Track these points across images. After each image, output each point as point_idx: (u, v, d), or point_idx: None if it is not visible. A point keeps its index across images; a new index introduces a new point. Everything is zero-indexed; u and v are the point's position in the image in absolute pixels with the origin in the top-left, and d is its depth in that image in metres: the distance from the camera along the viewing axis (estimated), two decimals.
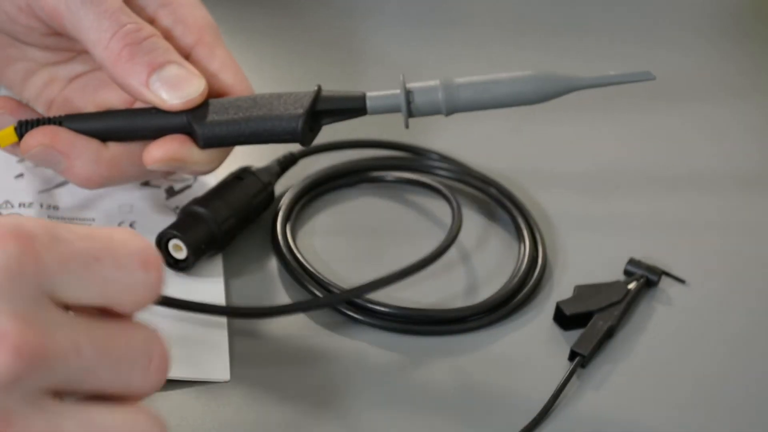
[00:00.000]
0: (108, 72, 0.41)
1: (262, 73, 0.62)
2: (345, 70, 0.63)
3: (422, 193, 0.51)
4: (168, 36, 0.43)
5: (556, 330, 0.44)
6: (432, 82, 0.43)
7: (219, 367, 0.40)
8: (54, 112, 0.45)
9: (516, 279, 0.46)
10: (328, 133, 0.46)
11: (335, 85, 0.44)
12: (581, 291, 0.45)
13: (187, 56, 0.44)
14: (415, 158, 0.53)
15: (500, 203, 0.51)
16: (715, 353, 0.44)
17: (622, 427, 0.40)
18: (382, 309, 0.43)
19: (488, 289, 0.46)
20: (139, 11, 0.43)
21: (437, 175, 0.52)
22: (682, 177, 0.55)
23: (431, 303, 0.45)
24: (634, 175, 0.55)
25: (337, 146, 0.53)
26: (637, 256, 0.47)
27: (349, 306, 0.44)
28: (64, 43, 0.44)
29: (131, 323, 0.29)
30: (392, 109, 0.43)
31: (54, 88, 0.46)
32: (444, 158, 0.53)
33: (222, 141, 0.43)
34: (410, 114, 0.43)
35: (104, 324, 0.28)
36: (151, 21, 0.44)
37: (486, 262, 0.48)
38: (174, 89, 0.41)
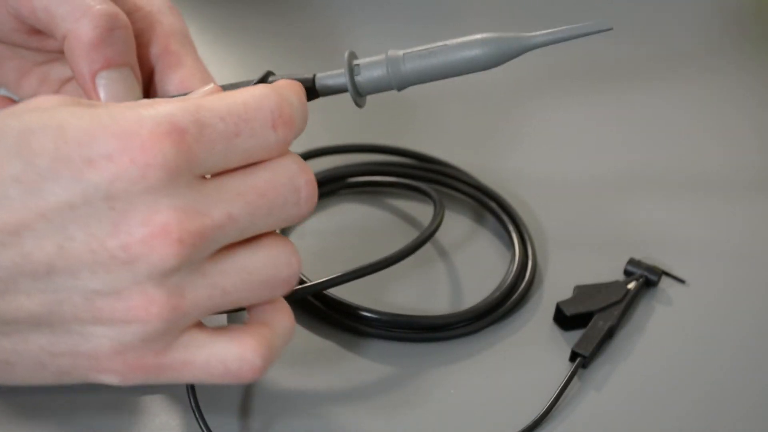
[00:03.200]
0: (66, 46, 0.40)
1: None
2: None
3: (410, 197, 0.51)
4: (135, 43, 0.42)
5: (552, 332, 0.44)
6: (378, 56, 0.40)
7: None
8: None
9: (506, 284, 0.46)
10: (335, 136, 0.45)
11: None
12: (581, 291, 0.45)
13: (151, 67, 0.43)
14: (400, 161, 0.53)
15: (487, 207, 0.51)
16: (716, 353, 0.44)
17: (624, 428, 0.40)
18: (374, 316, 0.43)
19: (479, 294, 0.46)
20: None
21: (424, 179, 0.52)
22: (682, 176, 0.55)
23: (422, 310, 0.45)
24: (634, 175, 0.55)
25: (340, 150, 0.53)
26: (637, 256, 0.47)
27: (348, 316, 0.43)
28: (37, 41, 0.43)
29: (273, 161, 0.32)
30: (341, 89, 0.41)
31: (47, 90, 0.45)
32: (434, 161, 0.53)
33: None
34: (358, 92, 0.41)
35: (249, 177, 0.32)
36: None
37: (477, 267, 0.48)
38: (113, 97, 0.41)
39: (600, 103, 0.61)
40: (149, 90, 0.43)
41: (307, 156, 0.52)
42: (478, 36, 0.40)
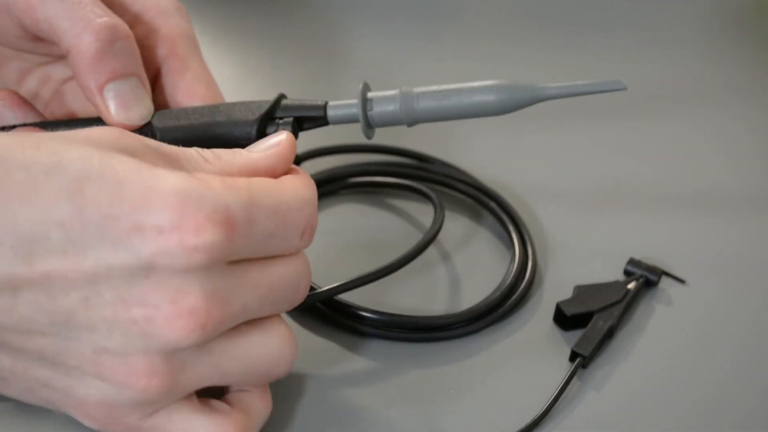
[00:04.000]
0: (71, 61, 0.40)
1: (256, 76, 0.62)
2: (337, 71, 0.63)
3: (409, 197, 0.51)
4: (141, 45, 0.42)
5: (552, 332, 0.44)
6: (391, 91, 0.41)
7: None
8: (50, 116, 0.45)
9: (506, 284, 0.46)
10: (335, 136, 0.45)
11: (324, 88, 0.44)
12: (581, 291, 0.45)
13: (158, 68, 0.43)
14: (401, 162, 0.53)
15: (487, 207, 0.51)
16: (715, 353, 0.44)
17: (624, 428, 0.40)
18: (374, 316, 0.43)
19: (479, 294, 0.46)
20: None
21: (424, 179, 0.52)
22: (681, 177, 0.55)
23: (422, 310, 0.45)
24: (634, 176, 0.55)
25: (340, 150, 0.53)
26: (637, 256, 0.47)
27: (348, 316, 0.43)
28: (43, 48, 0.44)
29: (287, 258, 0.34)
30: (352, 119, 0.42)
31: (48, 90, 0.46)
32: (431, 161, 0.53)
33: (181, 145, 0.42)
34: (369, 124, 0.42)
35: (266, 271, 0.33)
36: None
37: (477, 267, 0.48)
38: (123, 107, 0.41)
39: (600, 105, 0.61)
40: (155, 92, 0.43)
41: (308, 156, 0.52)
42: (493, 82, 0.40)
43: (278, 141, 0.36)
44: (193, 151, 0.34)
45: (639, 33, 0.69)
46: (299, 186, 0.34)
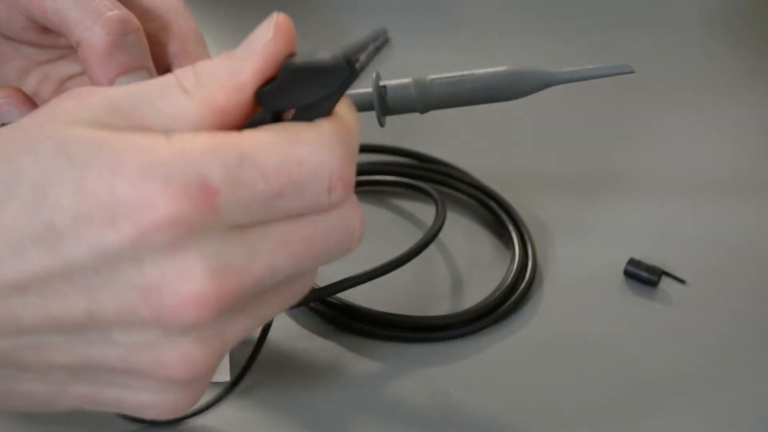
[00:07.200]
0: (81, 54, 0.40)
1: None
2: None
3: (410, 197, 0.51)
4: (151, 42, 0.42)
5: (552, 332, 0.44)
6: (405, 79, 0.42)
7: (219, 368, 0.40)
8: None
9: (506, 284, 0.46)
10: None
11: None
12: None
13: (168, 65, 0.43)
14: (403, 161, 0.53)
15: (487, 207, 0.51)
16: (715, 353, 0.44)
17: (623, 427, 0.40)
18: (374, 317, 0.43)
19: (479, 294, 0.46)
20: None
21: (424, 178, 0.52)
22: (682, 177, 0.55)
23: (422, 310, 0.45)
24: (633, 175, 0.55)
25: None
26: (637, 256, 0.47)
27: (348, 317, 0.43)
28: (49, 39, 0.44)
29: (321, 214, 0.29)
30: (366, 107, 0.42)
31: (47, 88, 0.46)
32: (435, 161, 0.53)
33: None
34: (384, 112, 0.42)
35: (297, 225, 0.29)
36: None
37: (477, 267, 0.48)
38: None
39: (600, 103, 0.61)
40: None
41: None
42: (504, 68, 0.41)
43: (264, 33, 0.30)
44: (172, 81, 0.30)
45: (636, 31, 0.69)
46: (324, 133, 0.29)
